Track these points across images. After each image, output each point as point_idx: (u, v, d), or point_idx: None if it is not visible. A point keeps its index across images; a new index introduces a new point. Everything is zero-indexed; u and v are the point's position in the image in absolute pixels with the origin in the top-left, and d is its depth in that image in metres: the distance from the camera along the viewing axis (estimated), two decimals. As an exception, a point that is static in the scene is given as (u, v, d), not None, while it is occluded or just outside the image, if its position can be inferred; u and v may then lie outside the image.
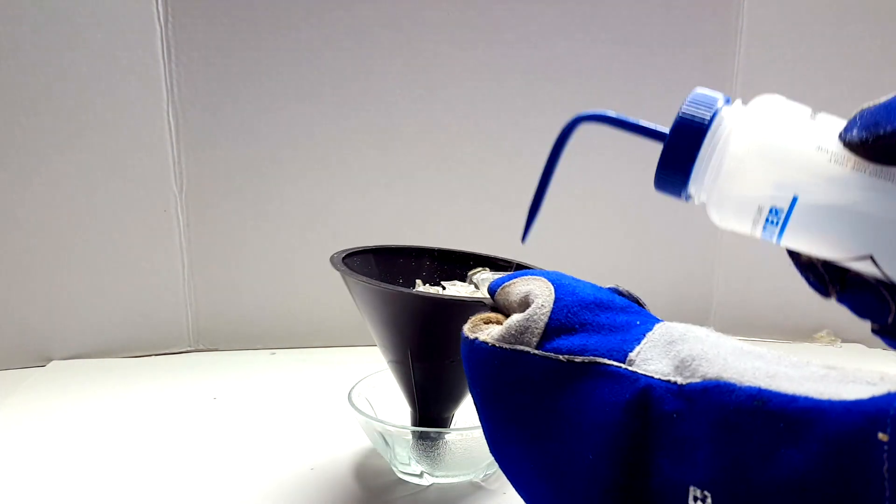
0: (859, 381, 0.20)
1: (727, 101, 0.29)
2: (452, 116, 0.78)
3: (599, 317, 0.28)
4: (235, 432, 0.59)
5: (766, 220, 0.28)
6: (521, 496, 0.29)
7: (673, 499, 0.23)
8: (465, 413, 0.48)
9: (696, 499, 0.22)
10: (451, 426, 0.48)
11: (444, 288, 0.49)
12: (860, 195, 0.26)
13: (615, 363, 0.26)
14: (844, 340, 0.84)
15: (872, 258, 0.27)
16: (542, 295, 0.28)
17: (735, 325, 0.87)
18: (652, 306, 0.31)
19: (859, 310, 0.29)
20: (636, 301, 0.31)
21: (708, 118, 0.28)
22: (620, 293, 0.30)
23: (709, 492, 0.22)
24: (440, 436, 0.46)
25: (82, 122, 0.72)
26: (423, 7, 0.75)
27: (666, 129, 0.29)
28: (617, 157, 0.79)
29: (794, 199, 0.27)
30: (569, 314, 0.28)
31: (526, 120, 0.79)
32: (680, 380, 0.24)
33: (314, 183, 0.78)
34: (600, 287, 0.30)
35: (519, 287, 0.30)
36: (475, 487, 0.49)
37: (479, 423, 0.46)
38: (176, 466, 0.52)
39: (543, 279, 0.30)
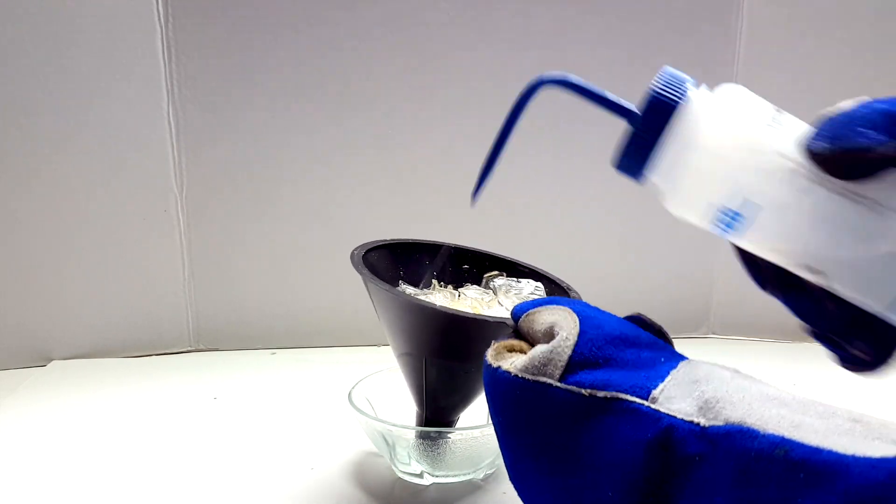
0: (885, 439, 0.20)
1: (695, 85, 0.28)
2: (452, 117, 0.78)
3: (624, 352, 0.28)
4: (235, 432, 0.59)
5: (719, 219, 0.27)
6: None
7: None
8: (467, 413, 0.48)
9: None
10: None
11: (459, 294, 0.48)
12: (817, 208, 0.25)
13: (638, 400, 0.25)
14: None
15: (824, 274, 0.26)
16: (566, 327, 0.28)
17: (735, 325, 0.87)
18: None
19: (797, 311, 0.29)
20: (658, 330, 0.31)
21: (677, 101, 0.27)
22: (643, 321, 0.30)
23: None
24: (441, 436, 0.46)
25: (82, 122, 0.72)
26: (423, 7, 0.75)
27: (630, 105, 0.29)
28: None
29: (749, 204, 0.26)
30: (593, 348, 0.27)
31: (525, 121, 0.78)
32: (703, 421, 0.24)
33: (314, 183, 0.78)
34: (626, 321, 0.30)
35: (544, 316, 0.30)
36: (475, 487, 0.49)
37: (479, 424, 0.47)
38: (176, 467, 0.52)
39: (569, 310, 0.30)
